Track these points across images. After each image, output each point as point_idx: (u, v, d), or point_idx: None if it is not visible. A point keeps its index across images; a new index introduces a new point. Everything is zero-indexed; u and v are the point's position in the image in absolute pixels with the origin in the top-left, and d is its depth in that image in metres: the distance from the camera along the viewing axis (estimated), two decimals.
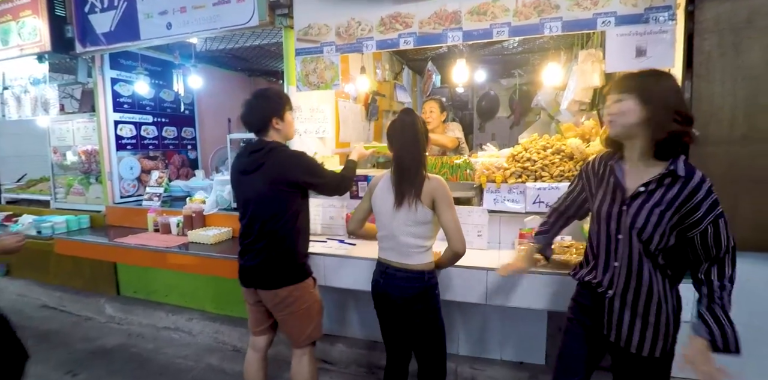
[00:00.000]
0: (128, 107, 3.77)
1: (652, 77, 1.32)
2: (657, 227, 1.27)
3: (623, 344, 1.39)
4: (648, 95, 1.27)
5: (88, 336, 3.18)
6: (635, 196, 1.32)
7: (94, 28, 3.22)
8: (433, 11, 2.31)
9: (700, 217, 1.24)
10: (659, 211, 1.27)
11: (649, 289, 1.34)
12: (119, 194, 3.70)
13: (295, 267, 1.86)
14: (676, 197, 1.25)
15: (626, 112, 1.29)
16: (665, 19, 1.98)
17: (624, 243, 1.35)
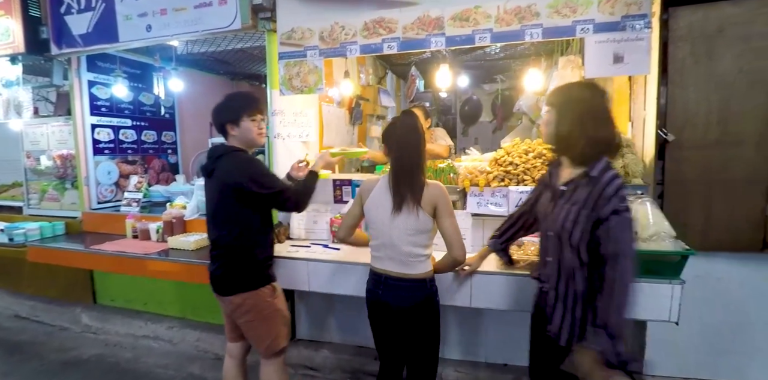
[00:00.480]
0: (106, 111, 3.68)
1: (567, 90, 1.44)
2: (576, 224, 1.34)
3: (554, 336, 1.45)
4: (560, 107, 1.40)
5: (63, 347, 3.07)
6: (561, 195, 1.42)
7: (70, 29, 3.14)
8: (416, 17, 2.33)
9: (607, 214, 1.29)
10: (576, 209, 1.35)
11: (576, 284, 1.40)
12: (96, 200, 3.60)
13: (248, 275, 1.80)
14: (589, 195, 1.33)
15: (548, 122, 1.43)
16: (641, 27, 2.04)
17: (554, 240, 1.43)
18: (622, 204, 1.28)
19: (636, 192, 1.97)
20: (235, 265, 1.80)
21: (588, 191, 1.33)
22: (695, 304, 2.15)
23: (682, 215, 2.08)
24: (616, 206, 1.27)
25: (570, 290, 1.41)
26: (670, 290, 1.68)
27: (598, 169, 1.34)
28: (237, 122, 1.79)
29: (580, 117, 1.34)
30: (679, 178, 2.13)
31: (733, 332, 2.22)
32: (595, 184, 1.32)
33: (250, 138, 1.82)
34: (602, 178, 1.31)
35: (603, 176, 1.32)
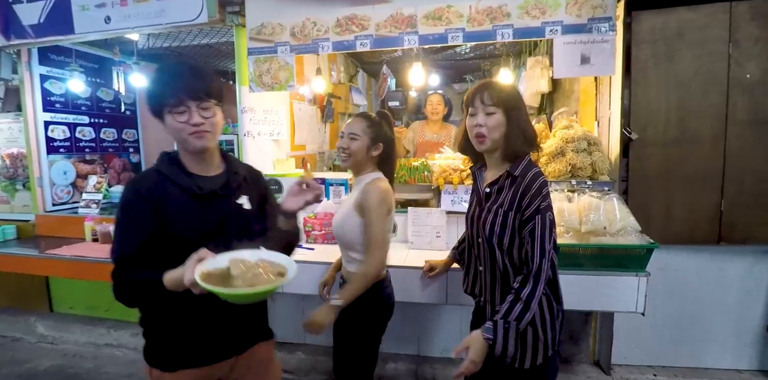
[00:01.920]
0: (61, 107, 3.46)
1: (504, 88, 1.33)
2: (504, 228, 1.27)
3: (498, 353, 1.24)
4: (507, 106, 1.28)
5: (15, 359, 2.87)
6: (487, 197, 1.34)
7: (19, 19, 2.94)
8: (389, 14, 2.32)
9: (530, 214, 1.23)
10: (503, 211, 1.28)
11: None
12: (51, 202, 3.38)
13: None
14: (514, 196, 1.27)
15: (497, 126, 1.28)
16: (606, 30, 2.11)
17: (484, 247, 1.34)
18: (544, 203, 1.23)
19: (603, 188, 2.04)
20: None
21: (513, 191, 1.27)
22: (657, 295, 2.26)
23: (645, 210, 2.17)
24: (538, 206, 1.22)
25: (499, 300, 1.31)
26: (637, 282, 1.75)
27: (520, 167, 1.28)
28: (161, 117, 1.15)
29: (525, 115, 1.31)
30: (642, 174, 2.22)
31: (691, 320, 2.35)
32: (520, 183, 1.26)
33: (180, 140, 1.16)
34: (525, 176, 1.26)
35: (526, 175, 1.26)
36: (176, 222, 1.12)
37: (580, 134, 2.25)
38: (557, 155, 2.23)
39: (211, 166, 1.22)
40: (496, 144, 1.30)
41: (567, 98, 3.19)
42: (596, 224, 1.77)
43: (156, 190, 1.13)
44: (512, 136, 1.28)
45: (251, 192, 1.25)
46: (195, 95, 1.11)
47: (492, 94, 1.28)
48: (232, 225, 1.19)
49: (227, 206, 1.19)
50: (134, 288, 1.09)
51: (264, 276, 0.97)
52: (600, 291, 1.78)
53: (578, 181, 2.16)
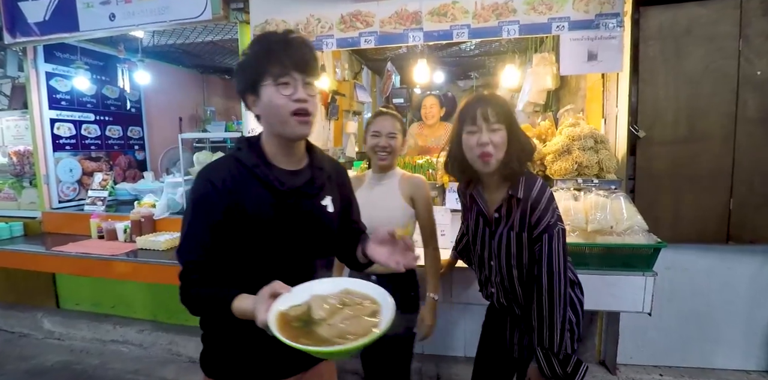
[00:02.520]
0: (66, 104, 3.47)
1: (508, 103, 1.26)
2: (520, 250, 1.25)
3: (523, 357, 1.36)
4: (508, 122, 1.22)
5: (23, 355, 2.89)
6: (497, 222, 1.29)
7: (25, 16, 2.94)
8: (393, 11, 2.30)
9: (540, 231, 1.21)
10: (515, 234, 1.24)
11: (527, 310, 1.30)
12: (57, 199, 3.40)
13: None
14: (523, 216, 1.23)
15: (502, 144, 1.21)
16: (614, 26, 2.08)
17: (496, 269, 1.33)
18: (553, 219, 1.20)
19: (610, 187, 2.02)
20: None
21: (521, 211, 1.23)
22: (664, 294, 2.24)
23: (653, 209, 2.14)
24: (548, 222, 1.20)
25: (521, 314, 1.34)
26: (644, 282, 1.73)
27: (521, 187, 1.24)
28: (255, 92, 0.97)
29: (521, 131, 1.26)
30: (650, 173, 2.20)
31: (698, 320, 2.32)
32: (525, 203, 1.22)
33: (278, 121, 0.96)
34: (530, 195, 1.22)
35: (531, 193, 1.22)
36: (253, 224, 0.97)
37: (586, 131, 2.22)
38: (563, 152, 2.20)
39: (296, 158, 1.04)
40: (499, 164, 1.23)
41: (573, 95, 3.16)
42: (603, 223, 1.75)
43: (232, 182, 0.96)
44: (512, 154, 1.22)
45: (335, 193, 1.09)
46: (302, 66, 0.94)
47: (496, 109, 1.20)
48: (315, 231, 1.04)
49: (310, 207, 1.03)
50: (200, 303, 0.96)
51: (356, 321, 0.77)
52: (606, 291, 1.76)
53: (584, 179, 2.14)
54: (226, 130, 4.46)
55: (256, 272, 0.96)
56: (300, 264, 1.03)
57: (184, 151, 3.03)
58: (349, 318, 0.78)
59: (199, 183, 0.97)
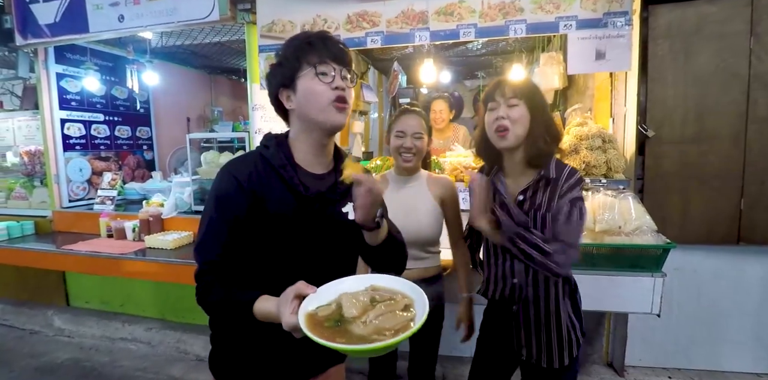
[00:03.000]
0: (76, 105, 3.52)
1: (534, 85, 1.27)
2: (543, 231, 1.23)
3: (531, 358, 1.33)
4: (531, 99, 1.21)
5: (34, 352, 2.93)
6: (520, 205, 1.28)
7: (36, 18, 2.98)
8: (400, 10, 2.30)
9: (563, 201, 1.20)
10: (540, 214, 1.23)
11: (546, 300, 1.28)
12: (67, 198, 3.45)
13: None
14: (552, 197, 1.22)
15: (519, 119, 1.21)
16: (622, 24, 2.07)
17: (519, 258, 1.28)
18: (578, 195, 1.20)
19: (618, 187, 2.00)
20: None
21: (548, 193, 1.23)
22: (672, 295, 2.21)
23: (661, 209, 2.12)
24: (572, 197, 1.19)
25: (541, 308, 1.29)
26: (652, 283, 1.71)
27: (553, 169, 1.23)
28: (291, 86, 0.97)
29: (548, 113, 1.25)
30: (659, 173, 2.18)
31: (708, 322, 2.30)
32: (555, 184, 1.22)
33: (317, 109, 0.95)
34: (561, 175, 1.22)
35: (561, 175, 1.22)
36: (273, 224, 0.94)
37: (594, 131, 2.21)
38: (571, 152, 2.19)
39: (324, 160, 1.03)
40: (518, 140, 1.22)
41: (581, 95, 3.13)
42: (611, 223, 1.74)
43: (257, 179, 0.94)
44: (536, 134, 1.20)
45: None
46: (341, 58, 0.96)
47: (513, 86, 1.22)
48: (334, 237, 1.01)
49: (331, 213, 1.00)
50: (219, 304, 0.92)
51: (390, 316, 0.75)
52: (614, 292, 1.74)
53: (592, 179, 2.12)
54: (233, 130, 4.49)
55: (274, 274, 0.95)
56: (318, 269, 0.97)
57: (192, 151, 3.06)
58: (383, 313, 0.75)
59: (223, 178, 0.94)
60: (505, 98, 1.21)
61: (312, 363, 1.06)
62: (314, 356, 1.03)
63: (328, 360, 1.10)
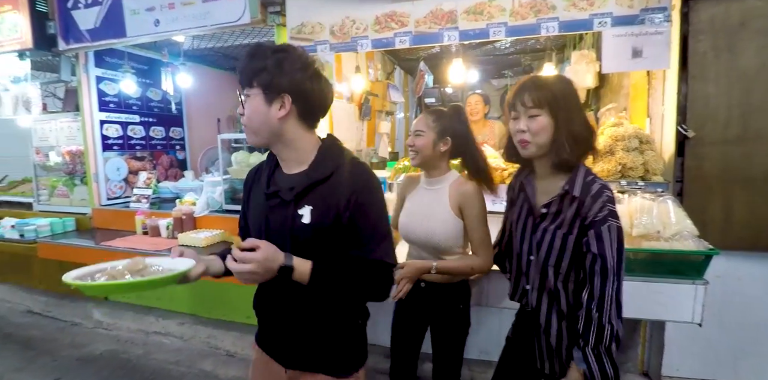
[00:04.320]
0: (114, 107, 3.66)
1: (561, 85, 1.18)
2: (563, 252, 1.18)
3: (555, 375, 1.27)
4: (559, 109, 1.15)
5: (75, 343, 3.08)
6: (543, 217, 1.23)
7: (77, 24, 3.12)
8: (428, 10, 2.28)
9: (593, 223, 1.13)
10: (562, 234, 1.17)
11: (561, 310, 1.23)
12: (106, 196, 3.60)
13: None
14: (574, 217, 1.16)
15: (540, 131, 1.16)
16: (660, 21, 1.99)
17: (536, 265, 1.25)
18: (612, 218, 1.12)
19: (656, 190, 1.93)
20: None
21: (574, 212, 1.16)
22: (715, 304, 2.10)
23: (703, 213, 2.03)
24: (604, 220, 1.11)
25: (554, 317, 1.24)
26: (694, 290, 1.64)
27: (578, 184, 1.16)
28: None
29: (577, 114, 1.17)
30: (700, 175, 2.08)
31: (752, 332, 2.18)
32: (581, 204, 1.15)
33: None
34: (587, 195, 1.14)
35: (588, 193, 1.14)
36: (250, 217, 1.14)
37: (630, 131, 2.13)
38: (606, 154, 2.12)
39: (291, 163, 1.08)
40: (542, 149, 1.18)
41: (615, 94, 3.04)
42: (649, 227, 1.67)
43: (251, 178, 1.18)
44: (560, 141, 1.15)
45: (321, 204, 1.01)
46: (241, 78, 1.02)
47: (534, 94, 1.16)
48: (286, 237, 1.02)
49: (284, 213, 1.03)
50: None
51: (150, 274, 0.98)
52: (652, 299, 1.68)
53: (629, 181, 2.05)
54: None
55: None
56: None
57: (223, 151, 3.13)
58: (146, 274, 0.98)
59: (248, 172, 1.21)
60: (525, 108, 1.17)
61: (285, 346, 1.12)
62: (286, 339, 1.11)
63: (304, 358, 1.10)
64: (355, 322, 1.13)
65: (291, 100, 0.99)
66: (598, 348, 1.11)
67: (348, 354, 1.13)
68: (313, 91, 1.01)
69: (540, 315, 1.27)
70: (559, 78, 1.23)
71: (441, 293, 1.62)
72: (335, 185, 1.01)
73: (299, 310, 1.07)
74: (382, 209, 1.07)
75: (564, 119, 1.15)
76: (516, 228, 1.33)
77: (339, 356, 1.11)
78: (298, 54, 1.01)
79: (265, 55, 0.98)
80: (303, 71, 0.99)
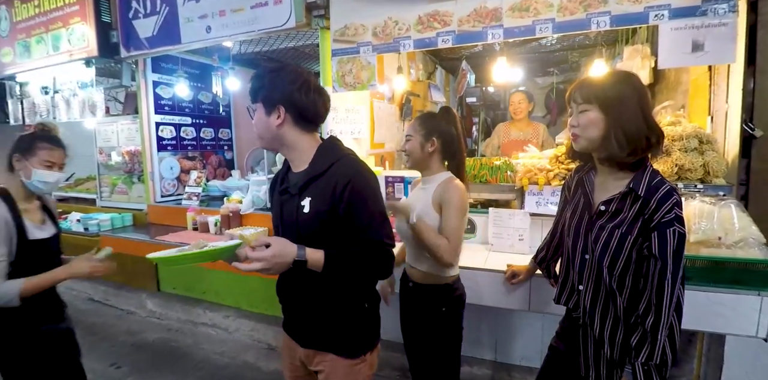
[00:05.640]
0: (168, 109, 3.88)
1: (616, 83, 1.15)
2: (620, 252, 1.13)
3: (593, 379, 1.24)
4: (606, 102, 1.13)
5: (130, 330, 3.29)
6: (600, 215, 1.19)
7: (137, 32, 3.33)
8: (472, 8, 2.25)
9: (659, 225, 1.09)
10: (620, 233, 1.13)
11: (616, 314, 1.17)
12: (160, 194, 3.82)
13: None
14: (636, 217, 1.12)
15: (589, 125, 1.16)
16: (725, 11, 1.84)
17: (591, 265, 1.21)
18: (678, 223, 1.08)
19: (718, 193, 1.80)
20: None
21: (636, 213, 1.12)
22: None
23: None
24: (671, 223, 1.07)
25: (609, 321, 1.19)
26: (759, 302, 1.51)
27: (645, 184, 1.11)
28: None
29: (632, 111, 1.11)
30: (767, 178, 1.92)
31: None
32: (645, 204, 1.10)
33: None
34: (654, 197, 1.09)
35: (655, 195, 1.09)
36: (273, 213, 1.32)
37: (689, 131, 2.00)
38: (662, 153, 2.00)
39: (296, 162, 1.26)
40: (593, 144, 1.17)
41: (672, 91, 2.86)
42: (708, 233, 1.56)
43: (274, 181, 1.36)
44: (610, 137, 1.12)
45: (319, 196, 1.15)
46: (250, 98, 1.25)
47: (584, 90, 1.16)
48: (294, 227, 1.19)
49: (291, 205, 1.21)
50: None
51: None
52: (711, 310, 1.56)
53: (686, 184, 1.92)
54: None
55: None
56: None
57: (268, 151, 3.23)
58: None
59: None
60: (576, 104, 1.19)
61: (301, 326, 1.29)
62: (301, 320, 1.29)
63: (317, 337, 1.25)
64: (361, 306, 1.26)
65: (284, 109, 1.17)
66: (649, 364, 1.07)
67: (355, 336, 1.25)
68: (303, 100, 1.17)
69: (594, 318, 1.22)
70: (619, 74, 1.20)
71: (423, 295, 1.64)
72: (330, 177, 1.15)
73: (309, 295, 1.23)
74: (377, 195, 1.19)
75: (615, 115, 1.12)
76: (570, 226, 1.28)
77: (346, 338, 1.24)
78: (289, 71, 1.20)
79: (263, 75, 1.21)
80: (292, 84, 1.17)
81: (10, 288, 1.37)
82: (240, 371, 2.70)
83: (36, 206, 1.60)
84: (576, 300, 1.28)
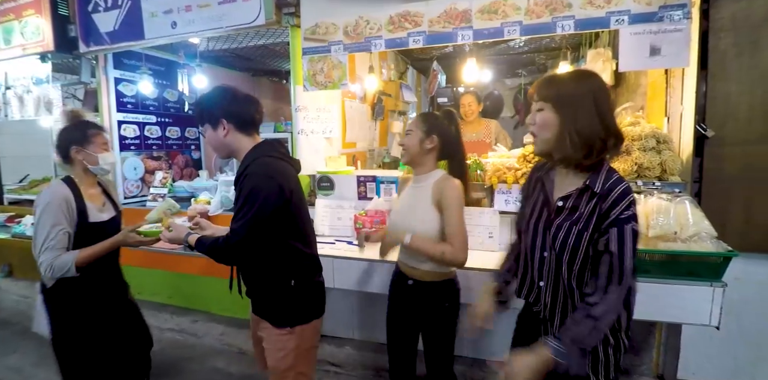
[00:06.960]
0: (132, 107, 3.74)
1: (572, 82, 1.14)
2: (578, 248, 1.14)
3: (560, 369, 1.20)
4: (563, 104, 1.11)
5: None
6: (558, 211, 1.19)
7: (97, 27, 3.19)
8: (443, 10, 2.28)
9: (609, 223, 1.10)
10: (577, 230, 1.13)
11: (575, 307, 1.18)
12: (123, 195, 3.67)
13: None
14: (592, 214, 1.12)
15: (543, 124, 1.15)
16: (680, 18, 1.95)
17: (550, 262, 1.21)
18: (634, 221, 1.10)
19: (673, 190, 1.90)
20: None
21: (592, 209, 1.12)
22: (733, 307, 2.06)
23: (721, 215, 1.98)
24: (628, 220, 1.09)
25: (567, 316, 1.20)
26: (711, 292, 1.61)
27: (601, 181, 1.11)
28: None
29: (586, 112, 1.09)
30: (719, 176, 2.04)
31: None
32: (601, 201, 1.10)
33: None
34: (610, 194, 1.09)
35: (611, 193, 1.09)
36: None
37: (647, 131, 2.10)
38: (622, 153, 2.09)
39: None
40: (547, 144, 1.15)
41: (632, 93, 2.99)
42: (665, 228, 1.65)
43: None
44: (561, 138, 1.11)
45: (237, 188, 1.44)
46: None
47: (541, 89, 1.16)
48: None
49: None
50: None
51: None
52: (668, 301, 1.65)
53: (645, 182, 2.02)
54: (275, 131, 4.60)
55: None
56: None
57: None
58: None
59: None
60: (534, 102, 1.19)
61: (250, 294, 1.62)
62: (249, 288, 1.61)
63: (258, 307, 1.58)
64: (287, 283, 1.49)
65: (226, 121, 1.42)
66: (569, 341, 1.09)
67: (282, 308, 1.50)
68: (237, 109, 1.44)
69: (554, 314, 1.24)
70: (578, 73, 1.19)
71: (426, 291, 1.65)
72: (241, 175, 1.40)
73: (245, 271, 1.57)
74: (255, 197, 1.34)
75: (569, 116, 1.10)
76: (529, 223, 1.28)
77: (274, 309, 1.51)
78: (219, 91, 1.47)
79: (200, 102, 1.49)
80: (224, 100, 1.44)
81: (67, 258, 1.59)
82: (209, 376, 2.62)
83: (98, 192, 1.79)
84: (537, 295, 1.28)
